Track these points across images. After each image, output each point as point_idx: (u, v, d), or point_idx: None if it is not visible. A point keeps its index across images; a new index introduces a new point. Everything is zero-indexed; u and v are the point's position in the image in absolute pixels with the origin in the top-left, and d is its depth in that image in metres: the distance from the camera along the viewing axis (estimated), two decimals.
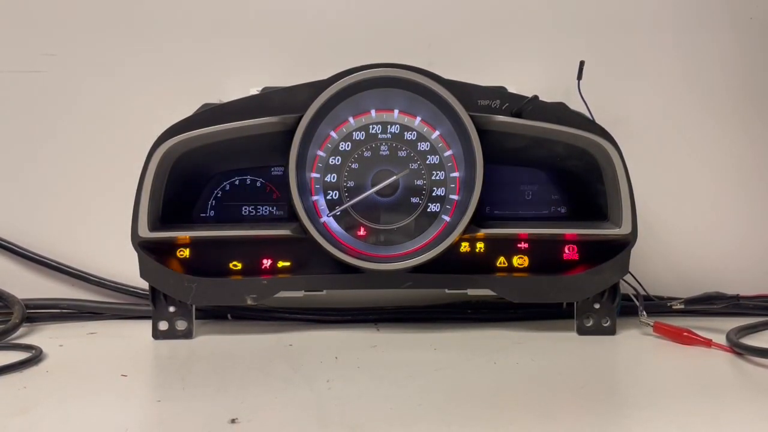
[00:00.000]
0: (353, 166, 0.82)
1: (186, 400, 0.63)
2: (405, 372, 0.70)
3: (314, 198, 0.82)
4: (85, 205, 0.96)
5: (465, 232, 0.80)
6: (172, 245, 0.82)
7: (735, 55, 0.98)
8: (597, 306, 0.83)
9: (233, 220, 0.85)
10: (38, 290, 0.94)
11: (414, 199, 0.83)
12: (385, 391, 0.65)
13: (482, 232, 0.81)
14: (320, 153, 0.82)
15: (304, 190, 0.80)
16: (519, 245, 0.84)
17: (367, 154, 0.82)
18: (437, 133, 0.83)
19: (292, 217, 0.82)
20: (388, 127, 0.82)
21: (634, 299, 0.85)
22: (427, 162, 0.83)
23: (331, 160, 0.82)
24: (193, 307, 0.82)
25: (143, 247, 0.79)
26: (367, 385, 0.66)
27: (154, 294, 0.82)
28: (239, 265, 0.83)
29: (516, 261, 0.84)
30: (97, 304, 0.93)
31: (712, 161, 0.99)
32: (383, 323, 0.87)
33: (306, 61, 0.96)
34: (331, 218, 0.82)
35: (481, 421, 0.58)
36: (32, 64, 0.95)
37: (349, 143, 0.82)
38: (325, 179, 0.82)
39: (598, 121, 0.83)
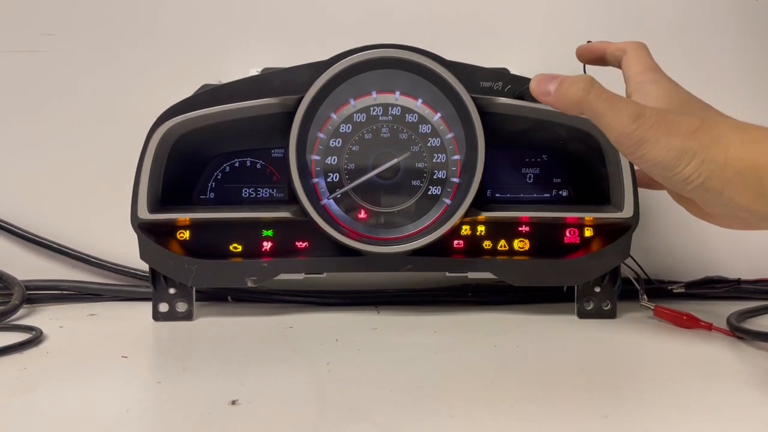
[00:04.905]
0: (354, 148, 0.82)
1: (186, 382, 0.63)
2: (405, 354, 0.70)
3: (315, 180, 0.82)
4: (85, 186, 0.96)
5: (466, 215, 0.79)
6: (172, 227, 0.82)
7: (739, 38, 0.97)
8: (597, 289, 0.83)
9: (233, 202, 0.85)
10: (38, 271, 0.94)
11: (415, 182, 0.82)
12: (385, 373, 0.65)
13: (483, 215, 0.81)
14: (321, 135, 0.82)
15: (305, 173, 0.80)
16: (520, 228, 0.84)
17: (368, 136, 0.82)
18: (439, 115, 0.82)
19: (293, 199, 0.81)
20: (390, 109, 0.82)
21: (635, 283, 0.85)
22: (429, 144, 0.82)
23: (331, 142, 0.82)
24: (194, 289, 0.82)
25: (143, 228, 0.79)
26: (367, 368, 0.66)
27: (154, 276, 0.81)
28: (239, 248, 0.83)
29: (517, 244, 0.84)
30: (98, 285, 0.93)
31: None
32: (383, 306, 0.87)
33: (307, 42, 0.95)
34: (332, 201, 0.82)
35: (481, 404, 0.58)
36: (31, 44, 0.95)
37: (350, 125, 0.82)
38: (326, 161, 0.82)
39: None
